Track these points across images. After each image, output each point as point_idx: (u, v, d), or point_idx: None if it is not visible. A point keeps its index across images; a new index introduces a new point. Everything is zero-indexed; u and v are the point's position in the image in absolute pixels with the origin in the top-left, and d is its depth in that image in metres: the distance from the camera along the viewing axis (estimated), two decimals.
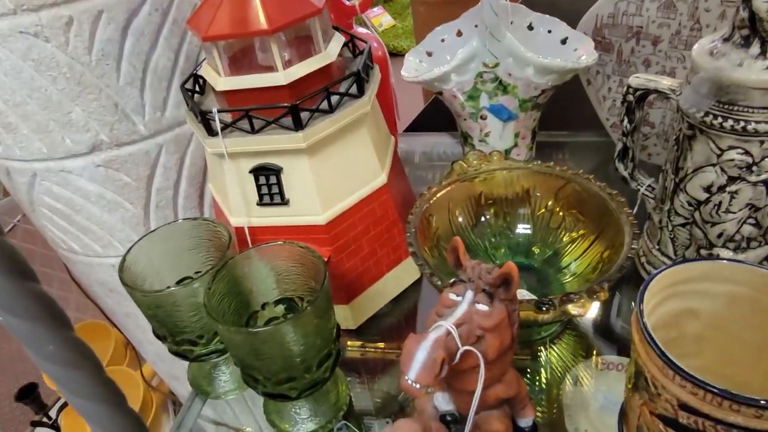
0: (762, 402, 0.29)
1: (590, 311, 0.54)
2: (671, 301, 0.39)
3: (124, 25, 0.51)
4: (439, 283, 0.44)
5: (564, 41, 0.63)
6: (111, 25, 0.50)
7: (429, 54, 0.68)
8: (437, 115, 0.90)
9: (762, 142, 0.41)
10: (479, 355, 0.34)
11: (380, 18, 3.56)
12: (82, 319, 1.25)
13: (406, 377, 0.33)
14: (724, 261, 0.37)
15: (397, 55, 3.14)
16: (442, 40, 0.68)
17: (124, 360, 1.17)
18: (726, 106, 0.41)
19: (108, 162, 0.56)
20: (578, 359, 0.50)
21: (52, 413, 1.10)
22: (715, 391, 0.30)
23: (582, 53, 0.60)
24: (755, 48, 0.39)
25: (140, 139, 0.56)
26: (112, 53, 0.51)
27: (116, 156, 0.56)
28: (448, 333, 0.34)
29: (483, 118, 0.62)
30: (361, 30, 0.73)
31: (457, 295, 0.36)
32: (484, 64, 0.58)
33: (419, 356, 0.32)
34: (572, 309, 0.39)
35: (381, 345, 0.55)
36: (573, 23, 0.66)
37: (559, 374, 0.49)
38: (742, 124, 0.40)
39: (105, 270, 0.66)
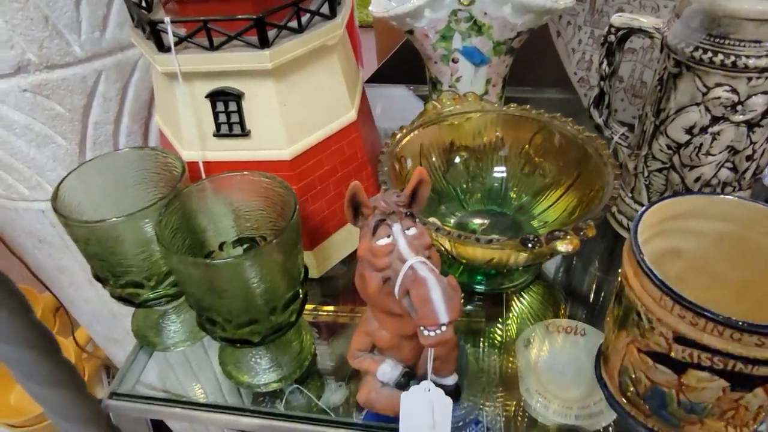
0: (762, 327, 0.28)
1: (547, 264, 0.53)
2: (657, 239, 0.38)
3: None
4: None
5: None
6: None
7: None
8: (396, 70, 0.87)
9: (750, 79, 0.40)
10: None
11: None
12: None
13: (440, 324, 0.30)
14: (718, 196, 0.36)
15: None
16: None
17: (53, 327, 1.08)
18: (716, 40, 0.40)
19: (37, 87, 0.49)
20: (534, 319, 0.49)
21: None
22: (718, 319, 0.29)
23: None
24: None
25: (75, 62, 0.49)
26: None
27: (47, 80, 0.49)
28: (425, 264, 0.32)
29: (455, 61, 0.59)
30: None
31: (386, 237, 0.33)
32: (460, 2, 0.55)
33: (436, 295, 0.29)
34: (560, 246, 0.37)
35: (332, 308, 0.51)
36: None
37: (515, 334, 0.48)
38: (732, 58, 0.39)
39: (33, 216, 0.58)
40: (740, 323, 0.28)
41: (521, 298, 0.51)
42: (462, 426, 0.42)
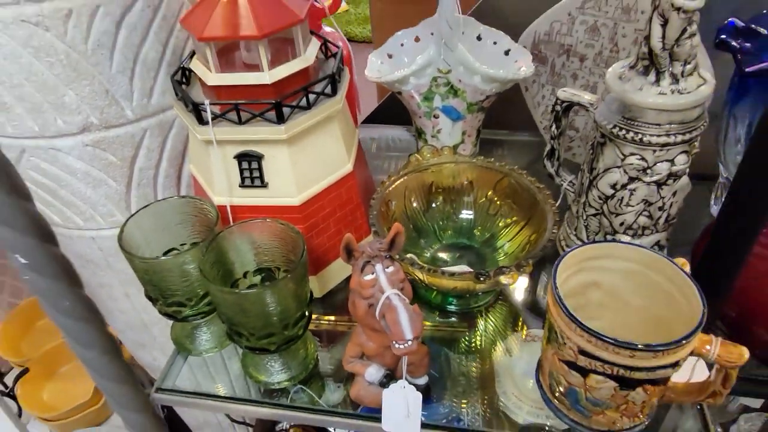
0: (633, 345, 0.40)
1: (521, 286, 0.64)
2: (580, 274, 0.49)
3: (119, 19, 0.56)
4: (396, 257, 0.52)
5: (507, 52, 0.73)
6: (107, 19, 0.55)
7: (390, 56, 0.76)
8: (392, 110, 0.99)
9: (654, 151, 0.52)
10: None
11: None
12: (16, 304, 1.25)
13: (406, 340, 0.41)
14: (621, 243, 0.48)
15: (350, 40, 3.19)
16: (402, 44, 0.76)
17: None
18: (628, 121, 0.51)
19: (96, 142, 0.61)
20: (508, 330, 0.60)
21: (8, 381, 1.12)
22: (603, 338, 0.41)
23: (521, 65, 0.70)
24: (652, 76, 0.50)
25: (127, 123, 0.61)
26: (106, 44, 0.56)
27: (104, 137, 0.61)
28: (398, 296, 0.43)
29: (436, 117, 0.71)
30: (327, 29, 0.80)
31: (371, 274, 0.44)
32: (439, 70, 0.67)
33: (404, 319, 0.41)
34: (503, 279, 0.49)
35: (333, 318, 0.63)
36: (515, 36, 0.75)
37: (492, 342, 0.59)
38: (640, 136, 0.51)
39: (84, 242, 0.70)
40: (616, 341, 0.40)
41: (489, 315, 0.62)
42: (445, 423, 0.53)
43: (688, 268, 0.47)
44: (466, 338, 0.59)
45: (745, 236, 0.54)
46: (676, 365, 0.42)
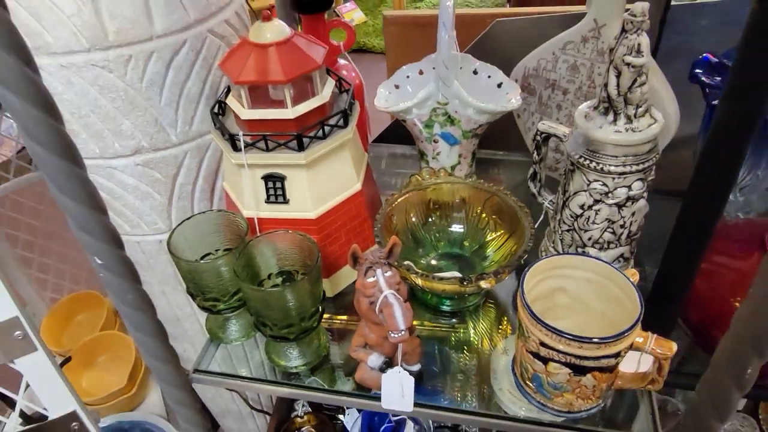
0: (581, 338, 0.49)
1: (508, 290, 0.74)
2: (548, 280, 0.59)
3: (168, 62, 0.67)
4: (395, 263, 0.62)
5: (499, 85, 0.83)
6: (159, 62, 0.66)
7: (396, 87, 0.86)
8: (400, 131, 1.09)
9: (614, 178, 0.61)
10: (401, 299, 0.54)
11: (352, 14, 3.70)
12: (57, 299, 1.38)
13: (400, 330, 0.51)
14: (582, 256, 0.58)
15: (368, 51, 3.30)
16: (408, 77, 0.86)
17: (115, 325, 1.32)
18: (592, 153, 0.61)
19: (145, 162, 0.72)
20: (500, 329, 0.70)
21: None
22: (557, 332, 0.50)
23: (511, 97, 0.80)
24: (610, 117, 0.60)
25: (171, 146, 0.73)
26: (157, 82, 0.67)
27: (152, 158, 0.72)
28: (394, 295, 0.53)
29: (435, 141, 0.81)
30: (342, 62, 0.90)
31: (372, 277, 0.54)
32: (438, 102, 0.77)
33: (398, 313, 0.51)
34: (483, 284, 0.59)
35: (344, 317, 0.73)
36: (508, 70, 0.85)
37: (481, 339, 0.69)
38: (602, 166, 0.61)
39: (130, 246, 0.82)
40: (567, 335, 0.50)
41: (479, 315, 0.72)
42: (432, 403, 0.63)
43: (636, 279, 0.56)
44: (459, 335, 0.69)
45: (694, 250, 0.64)
46: (618, 355, 0.52)
